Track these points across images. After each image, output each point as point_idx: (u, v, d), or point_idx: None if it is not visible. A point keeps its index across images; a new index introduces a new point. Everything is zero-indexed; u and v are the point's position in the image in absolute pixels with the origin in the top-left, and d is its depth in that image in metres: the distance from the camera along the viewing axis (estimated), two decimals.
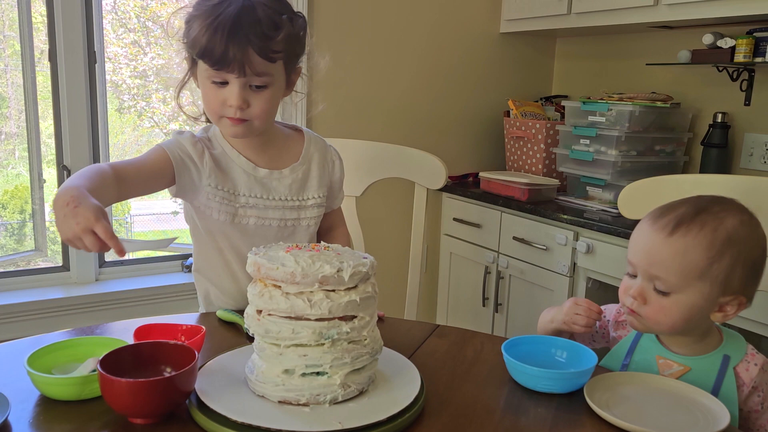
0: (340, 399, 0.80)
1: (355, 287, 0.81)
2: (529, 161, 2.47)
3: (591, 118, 2.21)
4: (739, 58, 1.97)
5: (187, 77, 1.16)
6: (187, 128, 1.28)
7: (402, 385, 0.85)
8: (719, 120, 2.13)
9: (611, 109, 2.14)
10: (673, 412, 0.84)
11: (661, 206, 0.98)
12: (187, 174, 1.13)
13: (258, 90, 1.08)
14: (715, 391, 0.94)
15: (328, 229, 1.34)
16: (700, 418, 0.83)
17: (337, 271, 0.79)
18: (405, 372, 0.89)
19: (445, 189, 2.53)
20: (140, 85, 3.42)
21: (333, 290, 0.80)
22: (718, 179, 1.29)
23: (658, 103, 2.15)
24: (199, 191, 1.15)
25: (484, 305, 2.39)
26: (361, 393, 0.83)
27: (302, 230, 1.24)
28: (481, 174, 2.39)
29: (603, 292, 2.03)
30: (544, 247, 2.12)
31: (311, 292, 0.79)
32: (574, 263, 2.04)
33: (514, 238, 2.23)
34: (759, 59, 1.93)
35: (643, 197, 1.31)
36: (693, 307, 0.92)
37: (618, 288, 1.01)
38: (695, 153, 2.27)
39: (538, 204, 2.16)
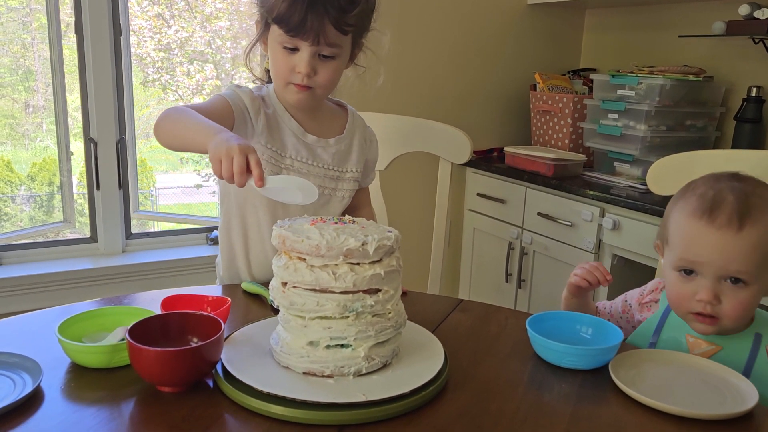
0: (363, 371, 0.81)
1: (379, 261, 0.81)
2: (555, 136, 2.43)
3: (620, 92, 2.17)
4: None
5: (257, 40, 1.20)
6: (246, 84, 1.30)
7: (425, 359, 0.85)
8: (753, 94, 2.07)
9: (641, 83, 2.09)
10: (699, 391, 0.83)
11: (695, 197, 0.94)
12: (243, 127, 1.17)
13: (326, 59, 1.12)
14: (748, 370, 0.93)
15: (355, 207, 1.35)
16: (728, 397, 0.81)
17: (362, 245, 0.79)
18: (428, 346, 0.89)
19: (469, 164, 2.50)
20: (164, 58, 3.42)
21: (358, 263, 0.80)
22: (751, 155, 1.26)
23: (690, 77, 2.09)
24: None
25: (507, 281, 2.38)
26: (384, 366, 0.83)
27: (337, 201, 1.27)
28: (506, 149, 2.36)
29: (629, 269, 2.00)
30: (569, 224, 2.10)
31: (336, 265, 0.79)
32: (600, 240, 2.02)
33: (539, 213, 2.21)
34: None
35: (673, 173, 1.29)
36: (762, 294, 0.92)
37: (645, 266, 0.99)
38: (728, 128, 2.22)
39: (563, 179, 2.14)
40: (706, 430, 0.75)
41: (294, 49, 1.11)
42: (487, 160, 2.49)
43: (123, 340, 0.82)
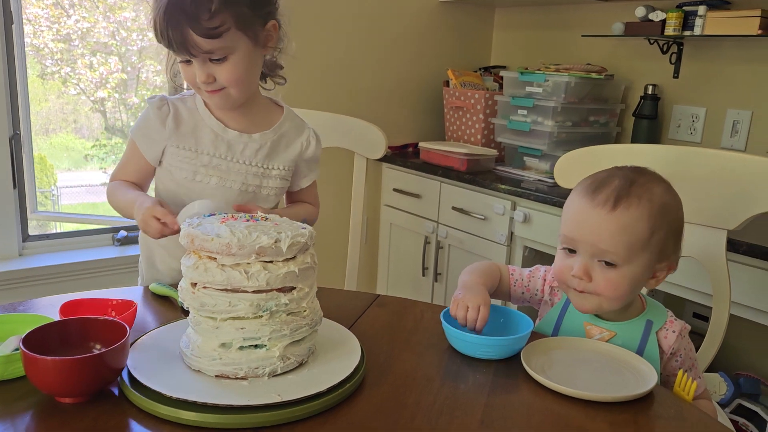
0: (279, 371, 0.79)
1: (293, 258, 0.80)
2: (468, 131, 2.49)
3: (528, 89, 2.24)
4: (669, 31, 2.02)
5: (171, 61, 1.20)
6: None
7: (342, 356, 0.85)
8: (650, 92, 2.19)
9: (548, 80, 2.17)
10: (604, 374, 0.87)
11: (590, 180, 0.99)
12: (155, 146, 1.20)
13: (220, 62, 1.10)
14: (639, 354, 0.98)
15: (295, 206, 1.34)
16: (630, 379, 0.86)
17: (275, 242, 0.77)
18: (345, 342, 0.89)
19: (384, 159, 2.52)
20: (64, 49, 3.24)
21: (271, 261, 0.78)
22: (648, 149, 1.33)
23: (593, 75, 2.19)
24: (166, 152, 1.20)
25: (423, 275, 2.42)
26: (300, 365, 0.82)
27: (262, 199, 1.24)
28: (420, 144, 2.39)
29: (540, 260, 2.08)
30: (483, 217, 2.15)
31: (248, 263, 0.77)
32: (512, 232, 2.08)
33: (453, 208, 2.25)
34: (687, 33, 1.99)
35: (577, 167, 1.34)
36: (637, 278, 0.95)
37: (553, 255, 1.02)
38: (627, 124, 2.34)
39: (476, 174, 2.19)
40: (611, 411, 0.79)
41: (188, 61, 1.10)
42: (402, 155, 2.51)
43: (17, 349, 0.77)
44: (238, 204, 1.14)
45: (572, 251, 0.98)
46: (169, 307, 1.04)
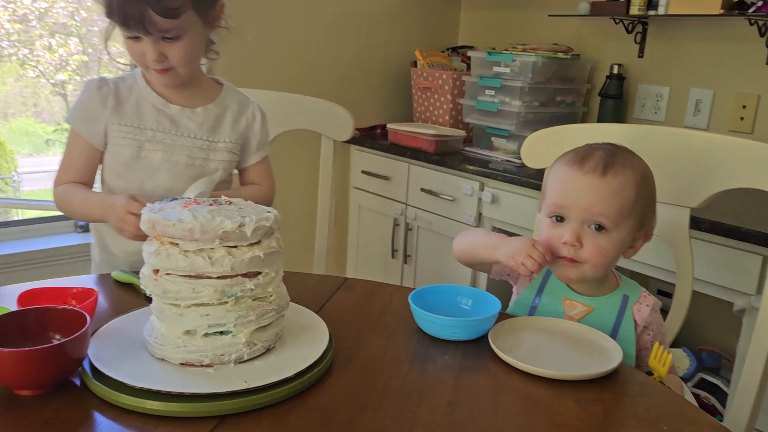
0: (245, 358, 0.78)
1: (258, 242, 0.78)
2: (436, 112, 2.48)
3: (496, 69, 2.24)
4: (634, 10, 2.04)
5: (111, 28, 1.15)
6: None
7: (310, 341, 0.84)
8: (615, 72, 2.21)
9: (515, 60, 2.17)
10: (571, 353, 0.88)
11: (572, 153, 1.02)
12: (97, 125, 1.18)
13: (172, 41, 1.10)
14: (616, 330, 0.99)
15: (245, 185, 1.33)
16: (596, 358, 0.87)
17: (239, 226, 0.76)
18: (313, 327, 0.88)
19: (353, 141, 2.50)
20: (21, 30, 3.13)
21: (235, 246, 0.76)
22: (613, 128, 1.34)
23: (560, 55, 2.20)
24: (109, 132, 1.18)
25: (393, 257, 2.42)
26: (267, 350, 0.81)
27: (210, 173, 1.23)
28: (388, 126, 2.38)
29: None
30: (451, 198, 2.15)
31: (212, 249, 0.75)
32: (480, 213, 2.09)
33: (422, 189, 2.25)
34: (652, 12, 2.01)
35: (545, 147, 1.34)
36: (623, 243, 0.99)
37: (520, 235, 1.03)
38: (593, 104, 2.36)
39: (445, 155, 2.18)
40: (577, 389, 0.80)
41: (137, 37, 1.09)
42: (370, 137, 2.49)
43: None
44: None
45: (560, 220, 0.99)
46: (132, 295, 1.02)
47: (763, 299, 1.07)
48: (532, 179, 1.87)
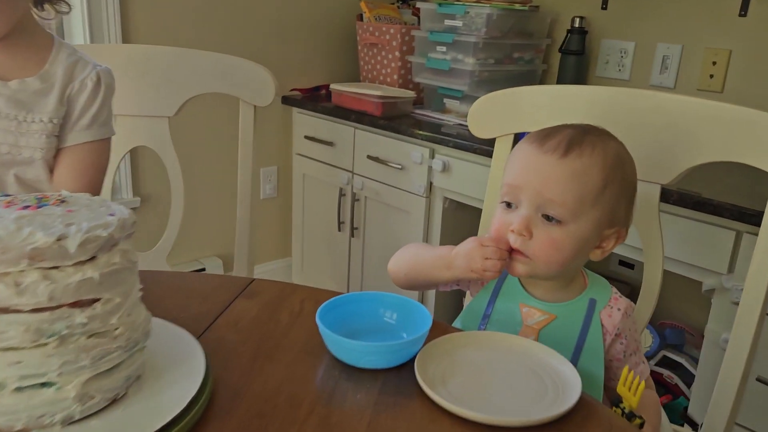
0: (77, 417, 0.57)
1: (91, 260, 0.57)
2: (384, 71, 2.25)
3: (448, 23, 2.01)
4: None
5: None
6: None
7: (179, 381, 0.64)
8: (577, 25, 2.01)
9: (468, 12, 1.95)
10: (519, 380, 0.70)
11: (539, 130, 0.85)
12: None
13: None
14: (581, 341, 0.82)
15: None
16: (549, 388, 0.69)
17: (58, 240, 0.54)
18: (188, 359, 0.67)
19: (294, 103, 2.27)
20: None
21: (55, 267, 0.55)
22: (574, 90, 1.14)
23: (517, 6, 1.98)
24: None
25: (340, 230, 2.22)
26: (113, 402, 0.61)
27: (24, 163, 0.99)
28: (331, 86, 2.15)
29: (461, 212, 1.91)
30: (400, 166, 1.95)
31: (20, 272, 0.54)
32: (431, 183, 1.89)
33: (369, 156, 2.04)
34: None
35: (496, 112, 1.15)
36: (583, 240, 0.81)
37: (477, 209, 0.84)
38: (553, 60, 2.16)
39: (392, 119, 1.97)
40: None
41: None
42: (313, 99, 2.26)
43: None
44: None
45: (510, 205, 0.82)
46: None
47: (746, 285, 0.91)
48: (486, 146, 1.67)
